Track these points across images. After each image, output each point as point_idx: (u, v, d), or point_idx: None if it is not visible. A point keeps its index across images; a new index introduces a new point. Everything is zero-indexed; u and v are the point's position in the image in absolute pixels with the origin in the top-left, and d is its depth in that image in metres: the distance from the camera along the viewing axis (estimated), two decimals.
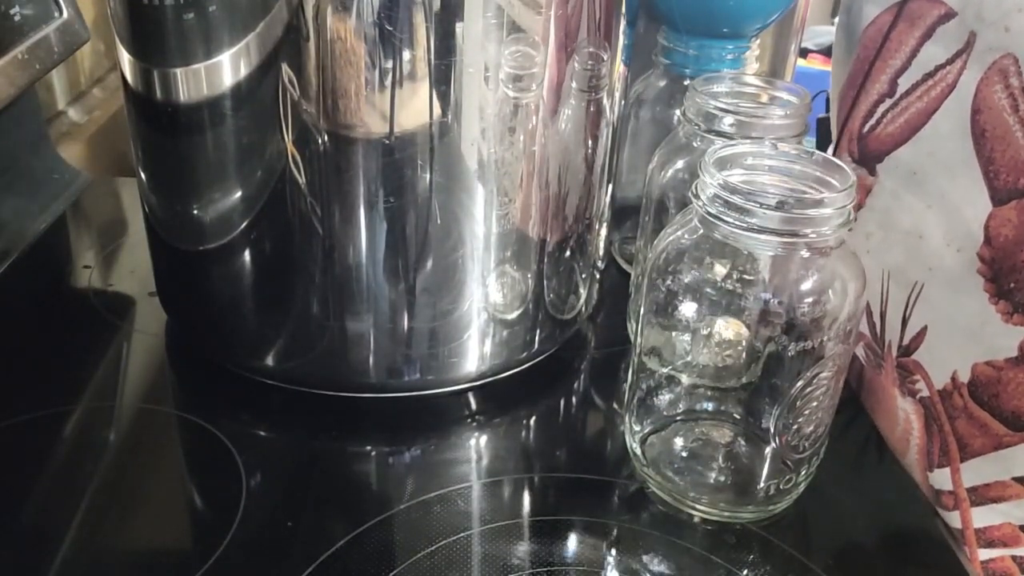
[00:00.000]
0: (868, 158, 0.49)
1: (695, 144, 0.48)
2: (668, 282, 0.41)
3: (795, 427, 0.41)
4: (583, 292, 0.53)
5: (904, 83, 0.47)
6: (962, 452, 0.44)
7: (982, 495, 0.43)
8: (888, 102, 0.48)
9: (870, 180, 0.49)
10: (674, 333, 0.43)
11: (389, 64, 0.40)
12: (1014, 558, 0.43)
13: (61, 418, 0.47)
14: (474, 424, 0.49)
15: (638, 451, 0.45)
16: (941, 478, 0.45)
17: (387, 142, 0.41)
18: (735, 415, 0.46)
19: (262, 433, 0.47)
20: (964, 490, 0.44)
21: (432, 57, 0.40)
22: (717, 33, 0.55)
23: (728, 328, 0.42)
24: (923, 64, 0.46)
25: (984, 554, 0.44)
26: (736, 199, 0.37)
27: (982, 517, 0.44)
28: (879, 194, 0.48)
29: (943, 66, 0.44)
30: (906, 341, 0.47)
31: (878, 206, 0.48)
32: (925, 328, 0.46)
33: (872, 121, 0.48)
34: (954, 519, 0.45)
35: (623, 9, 0.47)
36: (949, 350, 0.44)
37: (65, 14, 0.63)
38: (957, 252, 0.43)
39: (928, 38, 0.45)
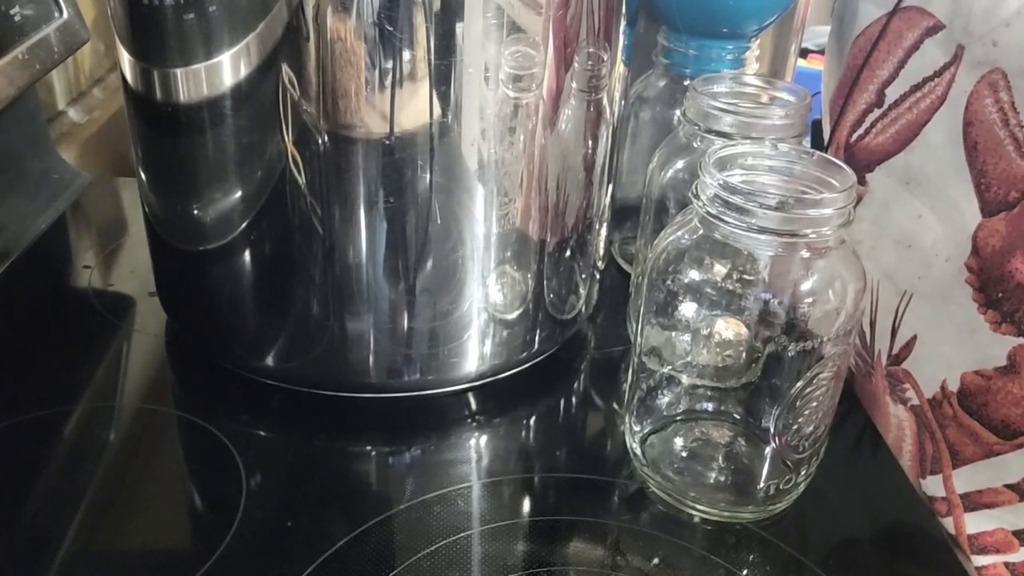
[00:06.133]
0: (856, 167, 0.49)
1: (695, 144, 0.48)
2: (668, 282, 0.41)
3: (795, 427, 0.41)
4: (583, 292, 0.53)
5: (892, 94, 0.47)
6: (954, 459, 0.44)
7: (975, 501, 0.43)
8: (876, 112, 0.48)
9: (860, 189, 0.49)
10: (674, 333, 0.43)
11: (389, 64, 0.40)
12: (1007, 564, 0.43)
13: (61, 418, 0.47)
14: (474, 424, 0.49)
15: (638, 451, 0.45)
16: (934, 484, 0.45)
17: (387, 142, 0.41)
18: (735, 415, 0.46)
19: (262, 433, 0.47)
20: (957, 496, 0.44)
21: (432, 57, 0.40)
22: (717, 33, 0.55)
23: (728, 328, 0.42)
24: (910, 75, 0.46)
25: (977, 560, 0.44)
26: (736, 199, 0.37)
27: (975, 523, 0.44)
28: (869, 204, 0.49)
29: (931, 78, 0.44)
30: (896, 350, 0.47)
31: (868, 216, 0.48)
32: (915, 337, 0.46)
33: (860, 131, 0.48)
34: (947, 525, 0.45)
35: (623, 9, 0.47)
36: (938, 359, 0.44)
37: (65, 14, 0.63)
38: (946, 262, 0.43)
39: (916, 50, 0.45)
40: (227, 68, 0.41)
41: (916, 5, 0.46)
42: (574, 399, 0.52)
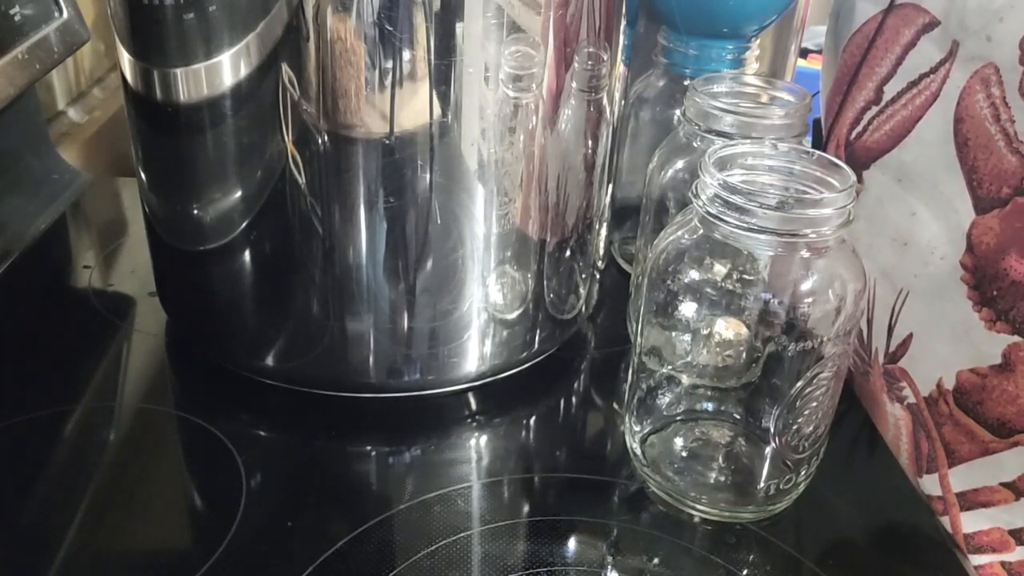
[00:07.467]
0: (855, 165, 0.49)
1: (695, 144, 0.48)
2: (668, 282, 0.41)
3: (795, 427, 0.41)
4: (583, 292, 0.53)
5: (890, 91, 0.47)
6: (950, 458, 0.44)
7: (971, 500, 0.43)
8: (874, 109, 0.48)
9: (857, 187, 0.49)
10: (674, 333, 0.43)
11: (389, 64, 0.40)
12: (1003, 564, 0.43)
13: (61, 418, 0.47)
14: (474, 424, 0.49)
15: (638, 451, 0.45)
16: (930, 483, 0.45)
17: (387, 142, 0.41)
18: (735, 415, 0.46)
19: (262, 433, 0.47)
20: (953, 495, 0.44)
21: (432, 57, 0.40)
22: (717, 33, 0.55)
23: (728, 328, 0.42)
24: (908, 72, 0.46)
25: (974, 560, 0.44)
26: (736, 199, 0.37)
27: (971, 522, 0.44)
28: (865, 201, 0.49)
29: (927, 74, 0.44)
30: (892, 348, 0.47)
31: (864, 213, 0.48)
32: (911, 335, 0.46)
33: (859, 128, 0.48)
34: (944, 524, 0.45)
35: (623, 9, 0.47)
36: (934, 357, 0.44)
37: (65, 14, 0.63)
38: (941, 260, 0.43)
39: (913, 46, 0.45)
40: (227, 68, 0.41)
41: (911, 2, 0.45)
42: (574, 399, 0.52)
